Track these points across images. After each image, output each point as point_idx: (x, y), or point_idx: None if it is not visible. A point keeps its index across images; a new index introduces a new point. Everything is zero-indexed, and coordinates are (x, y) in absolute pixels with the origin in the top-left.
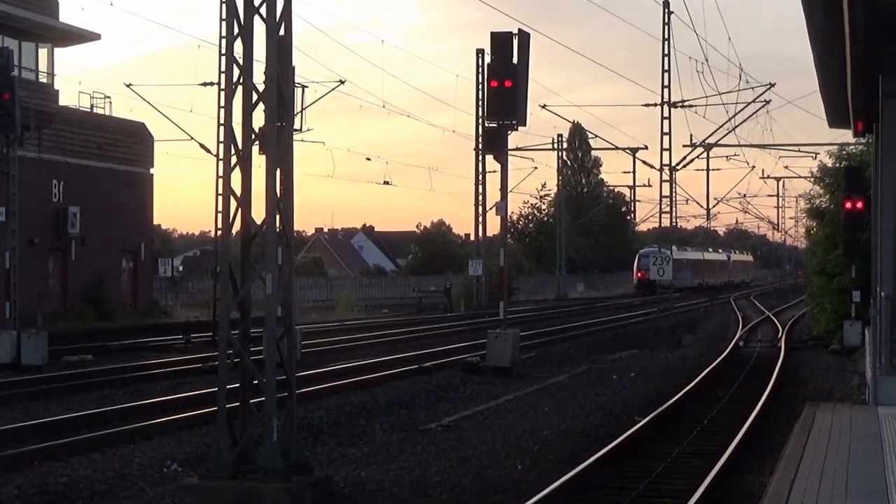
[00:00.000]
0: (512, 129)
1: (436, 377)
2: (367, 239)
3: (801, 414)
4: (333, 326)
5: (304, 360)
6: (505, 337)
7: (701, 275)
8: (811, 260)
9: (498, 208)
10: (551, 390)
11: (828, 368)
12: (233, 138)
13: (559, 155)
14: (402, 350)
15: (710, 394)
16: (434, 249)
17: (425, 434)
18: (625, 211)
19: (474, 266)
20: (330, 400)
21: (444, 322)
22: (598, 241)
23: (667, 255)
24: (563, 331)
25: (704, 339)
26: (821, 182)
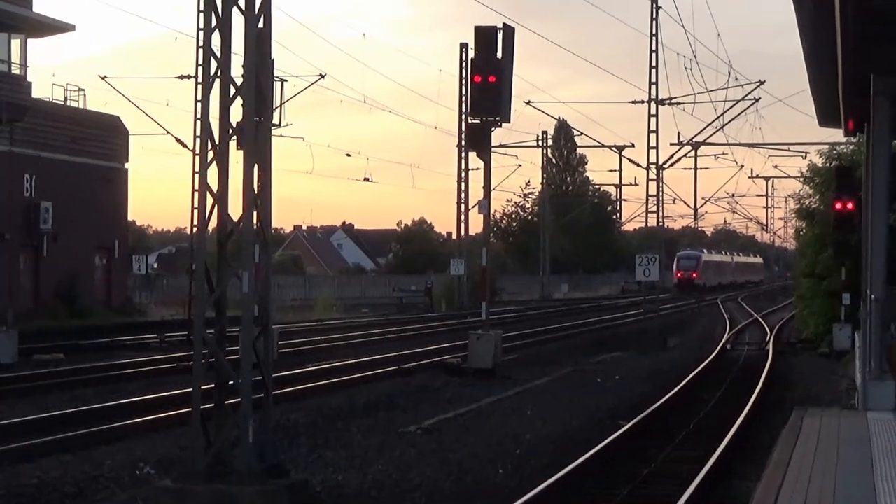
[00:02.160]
0: (496, 126)
1: (416, 379)
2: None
3: (789, 419)
4: (312, 326)
5: (281, 361)
6: (487, 338)
7: (724, 275)
8: (800, 261)
9: (481, 206)
10: (534, 393)
11: (816, 372)
12: (209, 133)
13: (544, 152)
14: (381, 351)
15: (696, 397)
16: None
17: (405, 437)
18: (610, 210)
19: (456, 265)
20: (307, 401)
21: (425, 322)
22: (583, 241)
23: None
24: (546, 332)
25: (691, 341)
26: (811, 182)
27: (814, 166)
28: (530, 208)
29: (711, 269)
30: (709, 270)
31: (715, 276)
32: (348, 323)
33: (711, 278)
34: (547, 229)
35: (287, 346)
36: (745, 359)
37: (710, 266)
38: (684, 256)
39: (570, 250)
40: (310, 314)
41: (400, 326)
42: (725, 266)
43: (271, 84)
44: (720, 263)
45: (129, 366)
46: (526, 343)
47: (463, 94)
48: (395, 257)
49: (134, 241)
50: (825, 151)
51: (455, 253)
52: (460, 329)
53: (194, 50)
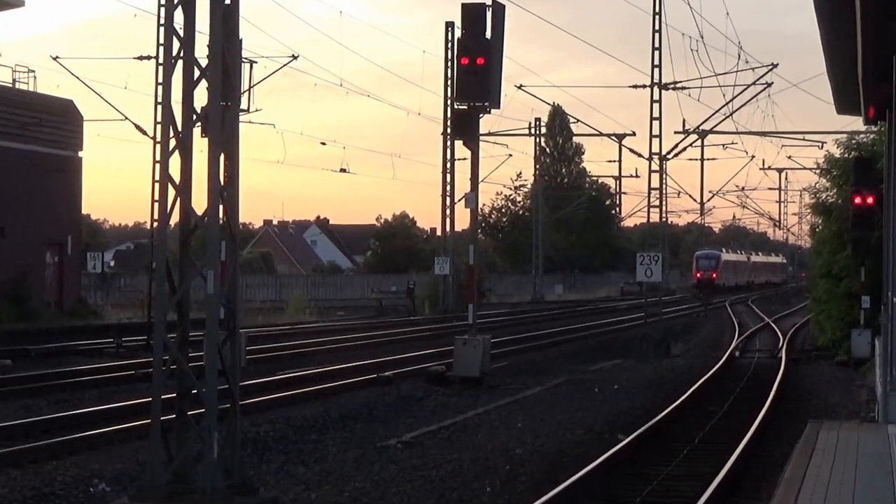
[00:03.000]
0: (484, 112)
1: (396, 388)
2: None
3: (804, 432)
4: (283, 330)
5: (249, 368)
6: (474, 344)
7: (744, 275)
8: (816, 261)
9: (468, 200)
10: (525, 404)
11: (833, 382)
12: (171, 119)
13: (537, 141)
14: (359, 357)
15: (702, 409)
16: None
17: (384, 451)
18: (609, 204)
19: (441, 264)
20: (278, 412)
21: (407, 326)
22: (579, 238)
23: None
24: (539, 337)
25: (696, 348)
26: (827, 174)
27: (831, 157)
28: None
29: (731, 268)
30: (728, 270)
31: (734, 276)
32: (323, 327)
33: (731, 278)
34: (540, 225)
35: (256, 351)
36: (756, 367)
37: (730, 266)
38: (703, 256)
39: (565, 248)
40: (281, 317)
41: (379, 331)
42: (745, 266)
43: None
44: (740, 263)
45: (83, 373)
46: (516, 349)
47: (448, 78)
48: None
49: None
50: (843, 141)
51: (439, 250)
52: (445, 334)
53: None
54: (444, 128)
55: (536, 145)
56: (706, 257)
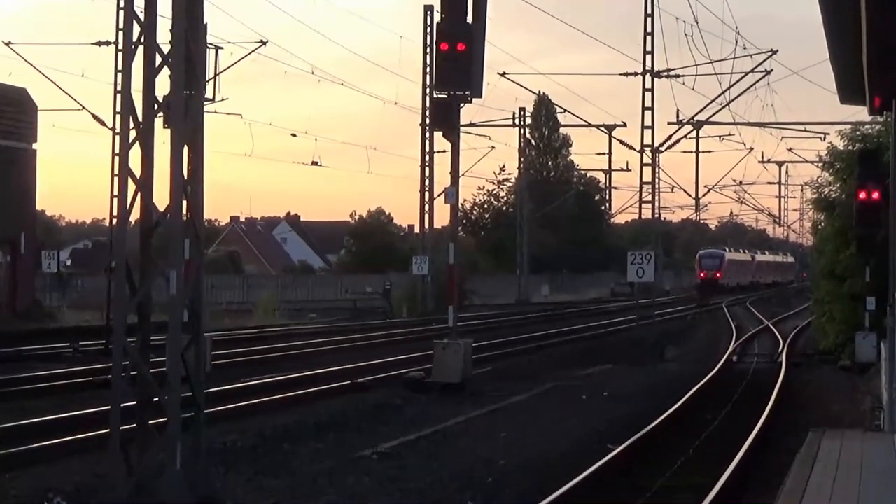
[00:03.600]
0: (465, 102)
1: (372, 395)
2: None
3: (804, 442)
4: (251, 334)
5: (215, 374)
6: (455, 348)
7: (749, 275)
8: (818, 260)
9: (448, 195)
10: (509, 412)
11: (836, 389)
12: (132, 108)
13: (521, 132)
14: (332, 363)
15: (697, 417)
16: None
17: (359, 462)
18: (599, 200)
19: (419, 264)
20: (246, 421)
21: (384, 330)
22: (567, 236)
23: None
24: (524, 341)
25: (692, 352)
26: (830, 168)
27: (834, 149)
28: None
29: (735, 268)
30: (732, 270)
31: (739, 276)
32: (294, 330)
33: (735, 278)
34: (525, 222)
35: (222, 356)
36: (755, 373)
37: (734, 265)
38: (707, 255)
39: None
40: (249, 320)
41: (354, 334)
42: (750, 265)
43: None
44: (745, 262)
45: (38, 379)
46: (500, 354)
47: (427, 65)
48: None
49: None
50: (847, 132)
51: (418, 249)
52: (424, 338)
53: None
54: (423, 118)
55: (521, 137)
56: (710, 256)
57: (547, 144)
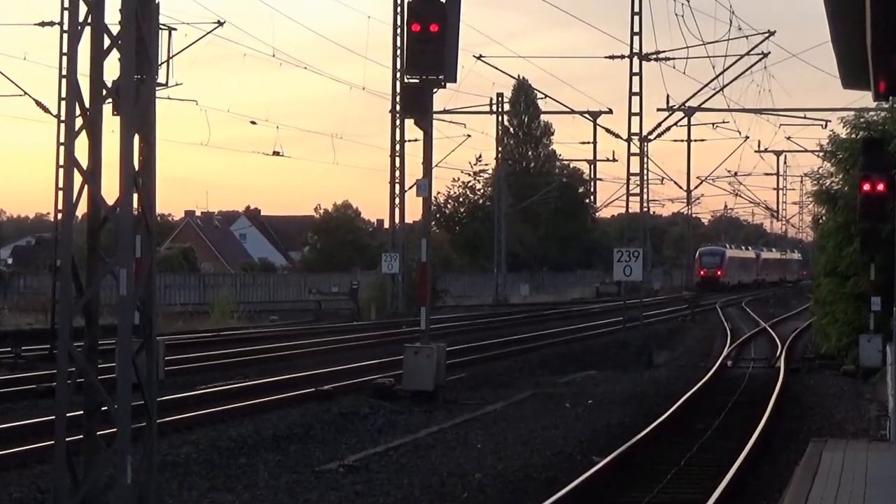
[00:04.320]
0: (439, 86)
1: (338, 403)
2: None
3: (805, 453)
4: (207, 337)
5: (168, 381)
6: (427, 353)
7: (752, 273)
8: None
9: (420, 188)
10: (486, 421)
11: (839, 396)
12: (78, 94)
13: (499, 120)
14: (294, 369)
15: (688, 427)
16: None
17: (324, 476)
18: (583, 192)
19: (389, 262)
20: (201, 431)
21: (350, 333)
22: (548, 231)
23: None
24: (501, 345)
25: (683, 356)
26: (832, 157)
27: (836, 138)
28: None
29: (737, 265)
30: (734, 267)
31: (742, 274)
32: (253, 333)
33: (737, 276)
34: (503, 216)
35: (176, 362)
36: (751, 378)
37: (736, 263)
38: (707, 252)
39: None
40: (205, 322)
41: (318, 338)
42: (753, 263)
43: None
44: (747, 260)
45: None
46: (476, 359)
47: (398, 47)
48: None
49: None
50: (850, 119)
51: (388, 246)
52: (394, 341)
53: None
54: (393, 105)
55: (499, 124)
56: (710, 254)
57: (526, 133)
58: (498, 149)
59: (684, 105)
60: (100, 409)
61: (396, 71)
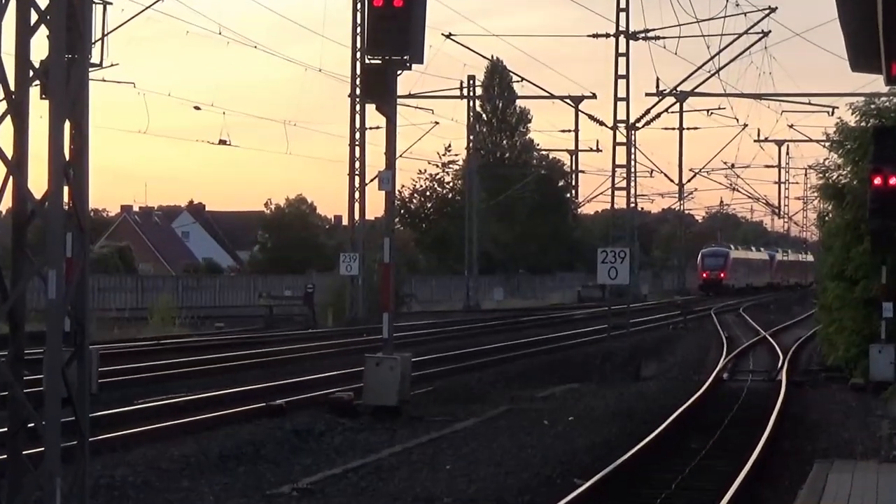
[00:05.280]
0: (403, 68)
1: (291, 420)
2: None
3: (809, 475)
4: (145, 346)
5: (102, 395)
6: (390, 364)
7: (760, 275)
8: (825, 258)
9: (382, 180)
10: (455, 440)
11: (846, 412)
12: (2, 76)
13: (470, 105)
14: (243, 381)
15: (680, 446)
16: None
17: (275, 501)
18: (563, 186)
19: (348, 262)
20: (140, 451)
21: (305, 342)
22: (524, 230)
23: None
24: (473, 355)
25: (674, 368)
26: (839, 148)
27: (844, 126)
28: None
29: (742, 268)
30: (739, 270)
31: (750, 277)
32: (197, 342)
33: (744, 279)
34: (475, 212)
35: (111, 373)
36: (749, 393)
37: (741, 264)
38: (710, 254)
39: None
40: (143, 329)
41: (269, 347)
42: (763, 265)
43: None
44: (754, 262)
45: None
46: (444, 371)
47: (358, 24)
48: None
49: None
50: (860, 106)
51: (346, 245)
52: (353, 351)
53: None
54: (353, 88)
55: (470, 110)
56: (713, 255)
57: (501, 120)
58: (469, 137)
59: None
60: (26, 425)
61: (356, 51)
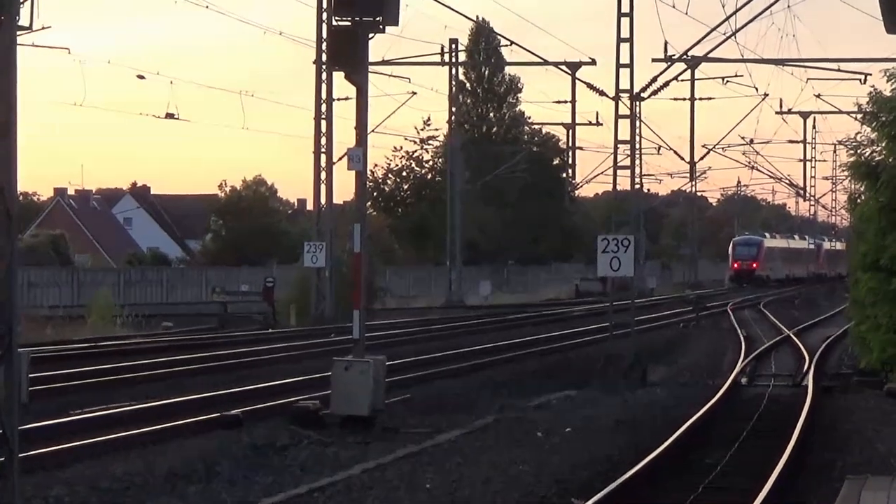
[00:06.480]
0: (376, 31)
1: (249, 432)
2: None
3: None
4: (83, 349)
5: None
6: (362, 368)
7: (797, 265)
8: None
9: (352, 159)
10: (437, 455)
11: (882, 421)
12: None
13: (453, 73)
14: (195, 388)
15: (693, 462)
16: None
17: None
18: (559, 165)
19: (313, 253)
20: (77, 468)
21: (265, 343)
22: (515, 215)
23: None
24: (457, 358)
25: (685, 372)
26: (873, 121)
27: (878, 96)
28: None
29: (777, 257)
30: (773, 259)
31: (788, 267)
32: (142, 344)
33: (781, 269)
34: (458, 195)
35: (44, 380)
36: (771, 400)
37: (777, 254)
38: (741, 243)
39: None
40: (80, 329)
41: (224, 349)
42: (803, 254)
43: None
44: (797, 251)
45: None
46: (424, 375)
47: None
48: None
49: None
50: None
51: (311, 233)
52: (320, 354)
53: None
54: (318, 54)
55: (452, 79)
56: (745, 244)
57: (487, 89)
58: (451, 110)
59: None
60: None
61: (322, 11)
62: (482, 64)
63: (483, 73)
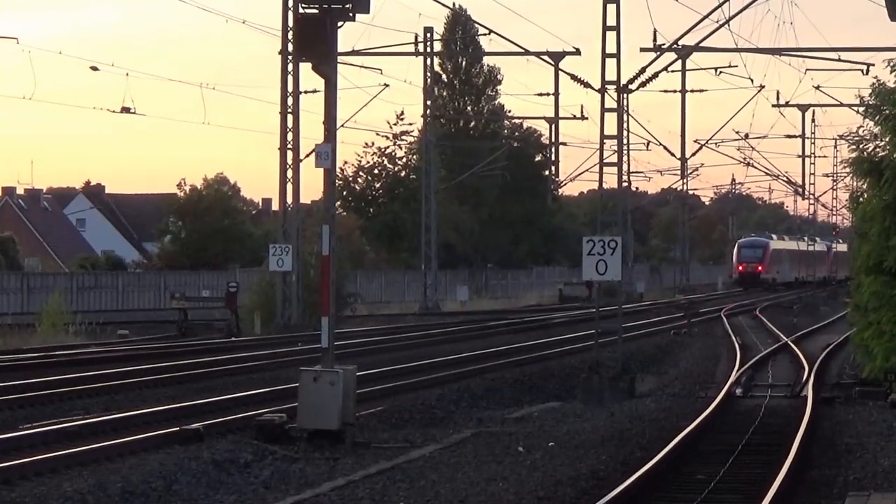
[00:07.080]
0: (345, 19)
1: (210, 447)
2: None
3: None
4: (32, 359)
5: None
6: (331, 379)
7: (805, 268)
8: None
9: (320, 155)
10: (411, 472)
11: (886, 434)
12: None
13: (428, 64)
14: (152, 401)
15: (684, 478)
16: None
17: None
18: (541, 161)
19: (279, 256)
20: (26, 487)
21: (227, 353)
22: (493, 215)
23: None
24: (432, 368)
25: (676, 383)
26: (876, 114)
27: (881, 88)
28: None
29: (784, 260)
30: (780, 262)
31: (797, 269)
32: (95, 353)
33: (785, 272)
34: (433, 194)
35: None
36: (768, 412)
37: (783, 257)
38: (747, 245)
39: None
40: (29, 338)
41: (183, 359)
42: (812, 256)
43: None
44: (806, 253)
45: None
46: (397, 386)
47: None
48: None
49: None
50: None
51: (276, 234)
52: (286, 364)
53: None
54: (284, 44)
55: (427, 70)
56: (750, 246)
57: (465, 81)
58: (426, 103)
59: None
60: None
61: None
62: (459, 54)
63: (460, 63)
